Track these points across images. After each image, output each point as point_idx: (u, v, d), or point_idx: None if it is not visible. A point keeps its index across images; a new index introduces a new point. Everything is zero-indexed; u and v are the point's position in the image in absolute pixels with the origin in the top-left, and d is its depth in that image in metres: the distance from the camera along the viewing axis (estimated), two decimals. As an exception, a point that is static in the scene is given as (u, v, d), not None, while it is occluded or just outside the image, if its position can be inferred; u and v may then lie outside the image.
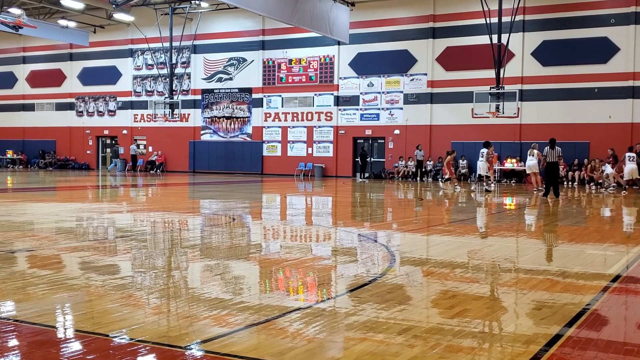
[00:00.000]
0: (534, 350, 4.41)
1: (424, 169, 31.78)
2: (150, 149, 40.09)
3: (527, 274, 7.35)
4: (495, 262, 8.19)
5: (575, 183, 28.61)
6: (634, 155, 23.54)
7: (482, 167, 24.05)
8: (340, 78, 34.68)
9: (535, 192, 22.37)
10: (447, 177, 26.25)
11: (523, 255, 9.20)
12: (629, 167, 23.27)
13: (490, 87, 27.65)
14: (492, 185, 24.90)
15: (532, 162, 23.06)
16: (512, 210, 17.39)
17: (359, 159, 32.66)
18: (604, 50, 28.86)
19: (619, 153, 27.68)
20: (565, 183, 28.82)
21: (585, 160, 28.68)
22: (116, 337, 4.58)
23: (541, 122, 29.90)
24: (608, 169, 25.27)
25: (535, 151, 22.84)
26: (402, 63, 33.04)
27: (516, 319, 5.39)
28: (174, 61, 36.37)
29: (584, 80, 29.25)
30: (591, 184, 27.50)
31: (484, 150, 23.94)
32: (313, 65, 35.32)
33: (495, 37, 27.10)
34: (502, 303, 6.02)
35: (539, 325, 5.06)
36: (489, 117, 28.14)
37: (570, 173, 28.98)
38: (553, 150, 19.10)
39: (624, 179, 23.86)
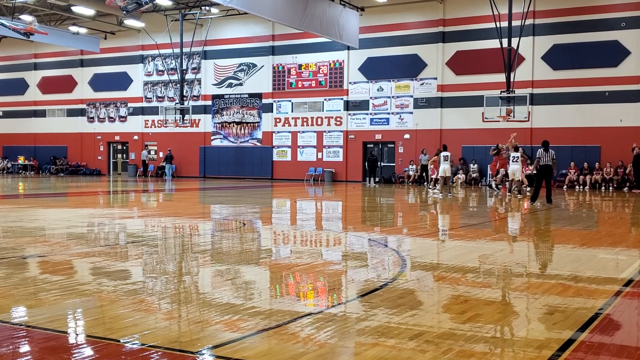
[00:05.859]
0: (546, 355, 4.38)
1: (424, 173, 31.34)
2: (161, 154, 40.22)
3: (539, 278, 7.31)
4: (506, 266, 8.16)
5: (587, 187, 28.47)
6: (518, 155, 22.30)
7: (447, 169, 24.10)
8: (349, 83, 34.70)
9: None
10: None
11: (534, 260, 9.16)
12: (513, 168, 22.26)
13: (501, 91, 27.58)
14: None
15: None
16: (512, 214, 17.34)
17: (366, 164, 32.50)
18: (615, 53, 28.74)
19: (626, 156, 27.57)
20: (576, 187, 28.71)
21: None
22: (128, 342, 4.59)
23: (552, 125, 29.78)
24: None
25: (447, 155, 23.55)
26: (411, 67, 33.02)
27: (528, 323, 5.36)
28: (184, 67, 36.51)
29: (595, 84, 29.13)
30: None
31: (448, 154, 24.07)
32: (323, 70, 35.36)
33: (505, 41, 27.05)
34: (514, 308, 5.98)
35: (551, 330, 5.04)
36: (499, 121, 28.08)
37: (581, 177, 28.87)
38: (547, 153, 18.52)
39: (509, 179, 22.93)
